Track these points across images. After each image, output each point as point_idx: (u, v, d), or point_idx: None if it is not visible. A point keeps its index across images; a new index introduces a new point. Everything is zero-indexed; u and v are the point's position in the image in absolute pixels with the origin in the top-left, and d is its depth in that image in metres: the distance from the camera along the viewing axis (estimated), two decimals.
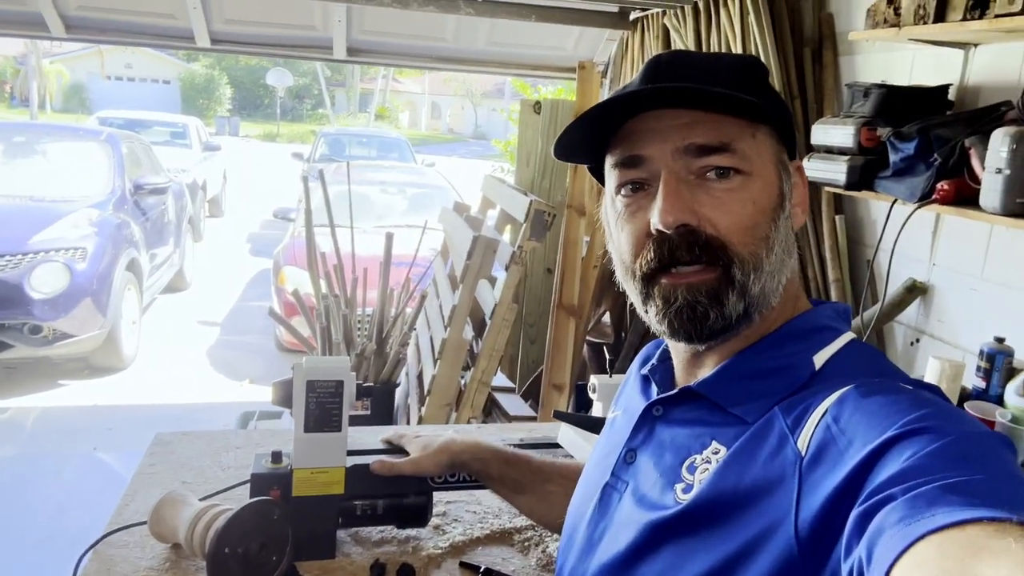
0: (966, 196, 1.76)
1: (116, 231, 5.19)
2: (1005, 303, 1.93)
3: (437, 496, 1.31)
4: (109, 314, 4.83)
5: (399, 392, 3.32)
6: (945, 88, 2.02)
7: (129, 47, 22.66)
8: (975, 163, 1.73)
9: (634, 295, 0.72)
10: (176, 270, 6.86)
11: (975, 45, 1.99)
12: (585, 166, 0.83)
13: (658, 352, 0.82)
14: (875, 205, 2.38)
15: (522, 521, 1.32)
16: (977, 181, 1.71)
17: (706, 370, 0.72)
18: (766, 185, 0.68)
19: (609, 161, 0.72)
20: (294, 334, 3.80)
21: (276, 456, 1.16)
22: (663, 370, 0.79)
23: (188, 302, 6.84)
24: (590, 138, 0.73)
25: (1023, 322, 1.86)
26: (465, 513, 1.33)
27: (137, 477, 1.37)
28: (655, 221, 0.66)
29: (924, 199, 1.85)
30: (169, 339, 5.79)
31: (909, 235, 2.03)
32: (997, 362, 1.76)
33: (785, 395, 0.65)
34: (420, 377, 2.93)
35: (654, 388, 0.79)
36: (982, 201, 1.67)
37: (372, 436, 1.68)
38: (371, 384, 1.30)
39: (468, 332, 2.63)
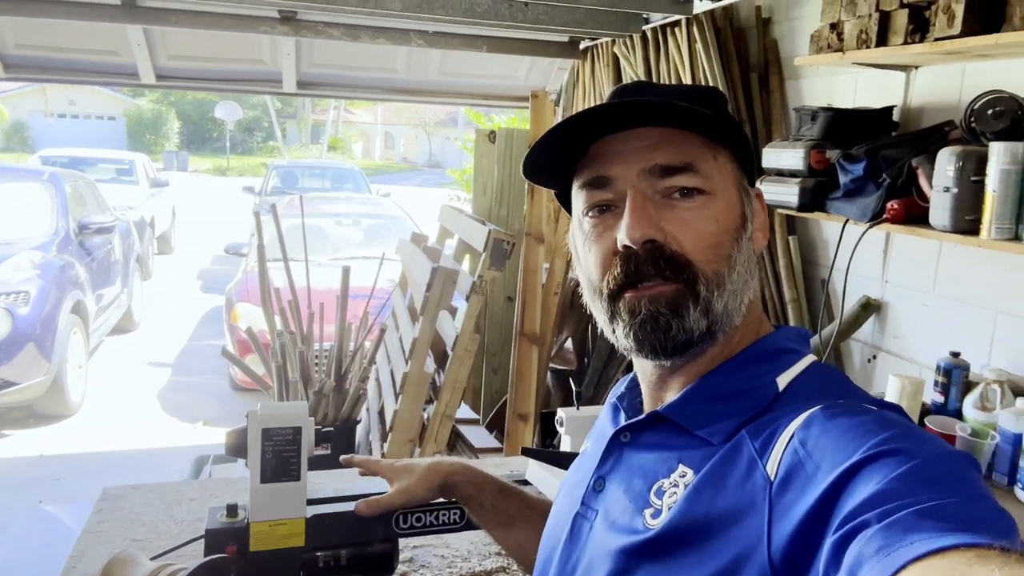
0: (915, 215, 1.79)
1: (60, 273, 5.03)
2: (957, 317, 1.97)
3: (403, 542, 1.27)
4: (54, 359, 4.65)
5: (360, 429, 3.25)
6: (889, 110, 2.07)
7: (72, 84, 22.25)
8: (923, 182, 1.77)
9: (601, 315, 0.72)
10: (124, 311, 6.66)
11: (916, 67, 2.04)
12: (544, 193, 0.84)
13: (627, 381, 0.82)
14: (827, 226, 2.42)
15: (492, 563, 1.28)
16: (925, 200, 1.74)
17: (672, 394, 0.72)
18: (729, 205, 0.70)
19: (576, 183, 0.73)
20: (248, 373, 3.69)
21: (231, 509, 1.10)
22: (631, 397, 0.80)
23: (137, 343, 6.63)
24: (557, 161, 0.74)
25: (975, 336, 1.90)
26: (433, 558, 1.29)
27: (84, 536, 1.29)
28: (622, 237, 0.67)
29: (875, 219, 1.88)
30: (118, 383, 5.59)
31: (861, 254, 2.07)
32: (954, 376, 1.79)
33: (750, 416, 0.65)
34: (381, 413, 2.87)
35: (623, 416, 0.79)
36: (932, 219, 1.70)
37: (333, 480, 1.63)
38: (331, 428, 1.25)
39: (430, 364, 2.58)
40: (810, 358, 0.70)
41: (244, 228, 10.14)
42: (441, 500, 1.19)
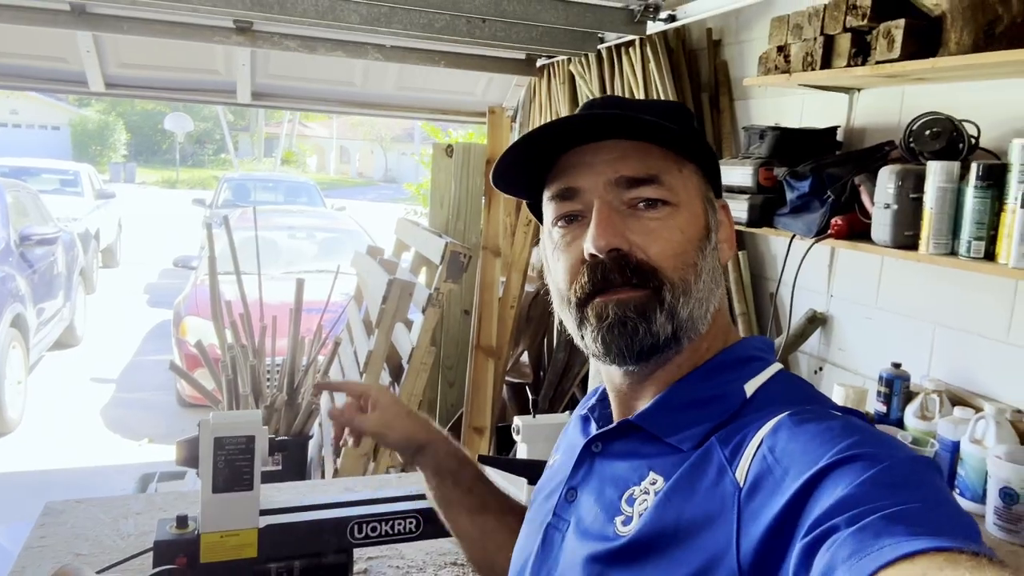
0: (858, 230, 1.86)
1: None
2: (898, 330, 2.04)
3: (358, 552, 1.26)
4: None
5: (312, 444, 3.20)
6: (833, 130, 2.15)
7: (15, 92, 21.56)
8: (865, 199, 1.83)
9: (570, 322, 0.73)
10: (66, 325, 6.45)
11: (858, 90, 2.13)
12: (501, 207, 0.84)
13: (598, 393, 0.82)
14: (775, 241, 2.49)
15: (448, 573, 1.28)
16: (868, 216, 1.81)
17: (643, 403, 0.73)
18: (693, 216, 0.71)
19: (546, 195, 0.75)
20: (197, 388, 3.61)
21: (181, 520, 1.08)
22: (602, 408, 0.80)
23: (80, 358, 6.43)
24: (528, 172, 0.75)
25: (915, 347, 1.97)
26: (388, 569, 1.28)
27: (25, 552, 1.25)
28: (588, 246, 0.68)
29: (820, 234, 1.94)
30: (59, 399, 5.41)
31: (807, 269, 2.13)
32: (895, 387, 1.85)
33: (719, 423, 0.66)
34: None
35: (593, 426, 0.80)
36: (873, 235, 1.77)
37: (283, 493, 1.60)
38: (285, 438, 1.23)
39: (385, 377, 2.57)
40: (777, 366, 0.72)
41: (194, 241, 9.94)
42: (396, 509, 1.19)
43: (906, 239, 1.69)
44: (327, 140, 33.12)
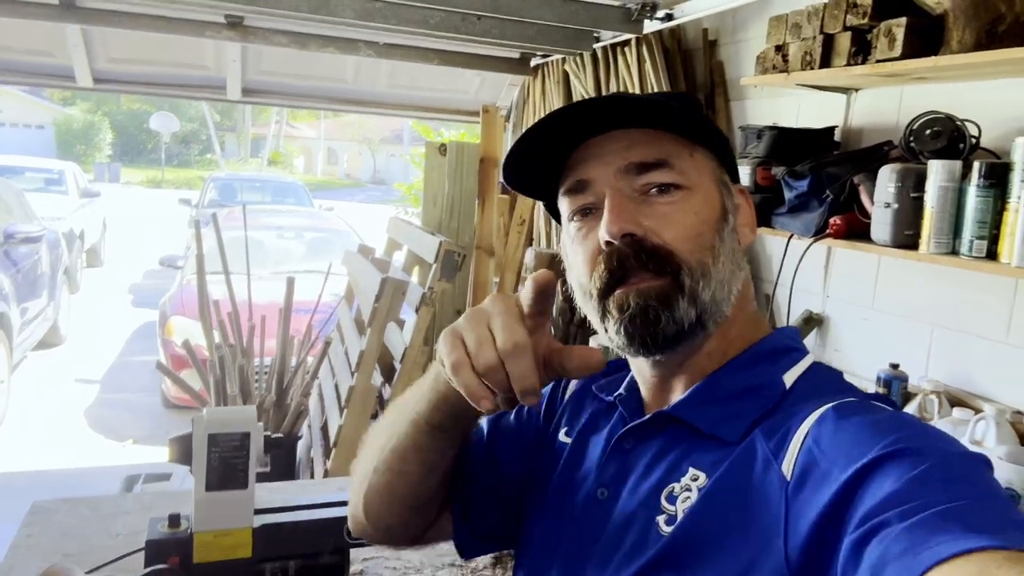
0: (857, 230, 1.85)
1: None
2: (895, 331, 2.03)
3: (354, 553, 1.23)
4: None
5: (300, 445, 3.16)
6: (831, 129, 2.15)
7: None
8: (864, 198, 1.83)
9: (593, 316, 0.71)
10: (50, 324, 6.37)
11: (856, 90, 2.12)
12: (495, 207, 0.82)
13: (626, 382, 0.79)
14: (772, 242, 2.48)
15: (445, 574, 1.25)
16: (867, 215, 1.80)
17: (676, 395, 0.71)
18: (707, 199, 0.70)
19: (560, 191, 0.74)
20: (184, 388, 3.57)
21: (174, 519, 1.05)
22: (633, 400, 0.77)
23: (63, 358, 6.34)
24: (539, 173, 0.75)
25: (913, 348, 1.96)
26: (384, 570, 1.25)
27: (12, 551, 1.22)
28: (602, 233, 0.67)
29: (819, 234, 1.93)
30: (42, 399, 5.33)
31: (804, 269, 2.13)
32: (894, 388, 1.85)
33: (760, 415, 0.65)
34: (324, 428, 2.80)
35: (621, 417, 0.76)
36: (873, 234, 1.76)
37: (277, 493, 1.57)
38: (280, 435, 1.20)
39: (377, 378, 2.53)
40: (811, 357, 0.71)
41: (180, 241, 9.86)
42: None
43: (906, 238, 1.68)
44: (315, 141, 32.96)
